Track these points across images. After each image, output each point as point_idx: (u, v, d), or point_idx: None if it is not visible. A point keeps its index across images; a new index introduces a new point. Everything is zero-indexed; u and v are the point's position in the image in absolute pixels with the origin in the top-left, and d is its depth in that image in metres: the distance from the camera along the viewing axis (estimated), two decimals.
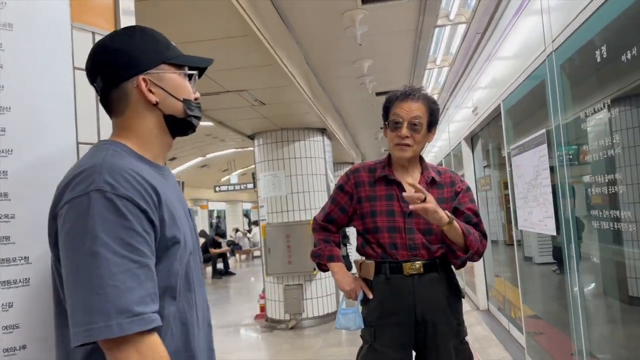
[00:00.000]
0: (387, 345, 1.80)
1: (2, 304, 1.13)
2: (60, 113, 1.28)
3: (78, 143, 1.29)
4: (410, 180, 1.84)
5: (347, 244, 8.58)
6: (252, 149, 6.49)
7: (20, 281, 1.16)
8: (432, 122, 1.88)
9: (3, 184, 1.17)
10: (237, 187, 16.13)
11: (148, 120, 1.08)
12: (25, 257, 1.17)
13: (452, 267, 1.90)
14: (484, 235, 1.88)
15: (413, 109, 1.83)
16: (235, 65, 3.41)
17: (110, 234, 0.87)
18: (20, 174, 1.19)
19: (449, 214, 1.74)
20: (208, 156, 12.17)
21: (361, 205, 1.91)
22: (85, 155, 1.04)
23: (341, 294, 2.03)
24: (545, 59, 2.87)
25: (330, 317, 6.07)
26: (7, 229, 1.15)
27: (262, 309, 6.44)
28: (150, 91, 1.06)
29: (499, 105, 4.01)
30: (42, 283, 1.17)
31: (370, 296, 1.86)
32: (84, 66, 1.34)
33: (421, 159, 1.98)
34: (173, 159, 11.33)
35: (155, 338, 0.90)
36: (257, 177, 6.32)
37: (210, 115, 5.12)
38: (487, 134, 5.28)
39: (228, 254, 13.08)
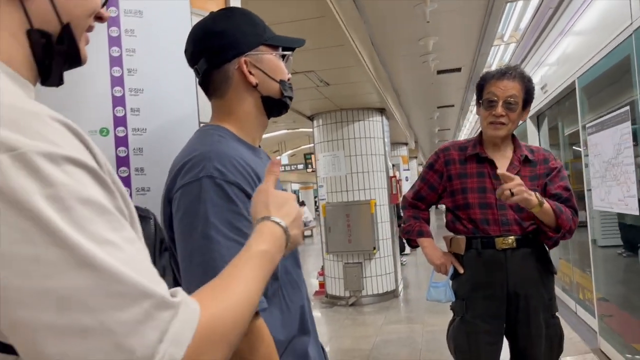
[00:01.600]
0: (478, 317, 1.85)
1: None
2: (184, 95, 1.37)
3: (200, 123, 1.39)
4: (502, 159, 1.86)
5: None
6: (302, 130, 6.57)
7: None
8: (528, 100, 1.88)
9: (139, 159, 1.28)
10: (288, 168, 16.34)
11: (248, 102, 1.09)
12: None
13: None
14: (575, 211, 1.88)
15: (509, 88, 1.83)
16: (308, 46, 3.45)
17: (221, 218, 0.90)
18: (152, 151, 1.30)
19: (538, 196, 1.74)
20: None
21: (451, 183, 1.94)
22: (192, 141, 1.06)
23: (430, 268, 2.07)
24: (631, 34, 2.76)
25: (390, 295, 6.14)
26: (143, 201, 1.26)
27: (322, 285, 6.58)
28: (250, 73, 1.06)
29: (573, 82, 3.88)
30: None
31: (461, 270, 1.91)
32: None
33: (513, 137, 1.97)
34: None
35: (261, 321, 0.89)
36: (317, 158, 6.40)
37: None
38: (555, 112, 5.13)
39: None
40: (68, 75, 1.26)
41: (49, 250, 0.44)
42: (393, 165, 7.47)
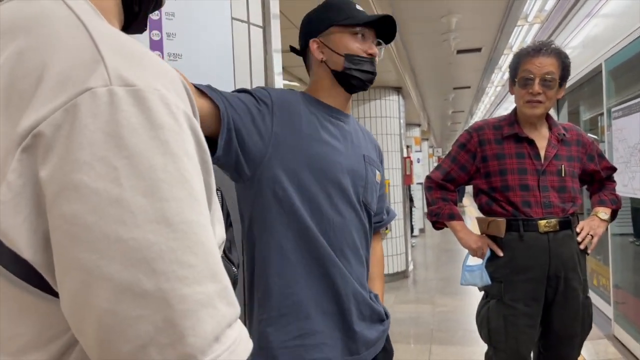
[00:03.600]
0: (518, 300, 1.82)
1: None
2: (222, 60, 1.35)
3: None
4: (541, 138, 1.86)
5: None
6: None
7: None
8: (564, 77, 1.83)
9: None
10: None
11: (321, 75, 1.28)
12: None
13: None
14: (614, 182, 2.05)
15: (545, 65, 1.78)
16: None
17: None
18: None
19: (601, 216, 1.93)
20: None
21: (486, 164, 1.89)
22: None
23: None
24: None
25: (400, 275, 6.16)
26: None
27: None
28: (321, 52, 1.25)
29: (600, 65, 3.80)
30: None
31: (500, 254, 1.86)
32: (240, 17, 1.41)
33: (548, 116, 1.93)
34: None
35: None
36: None
37: (294, 72, 5.15)
38: (575, 96, 5.04)
39: None
40: None
41: (134, 197, 0.40)
42: (408, 147, 7.42)
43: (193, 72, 1.28)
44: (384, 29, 1.27)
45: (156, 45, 1.23)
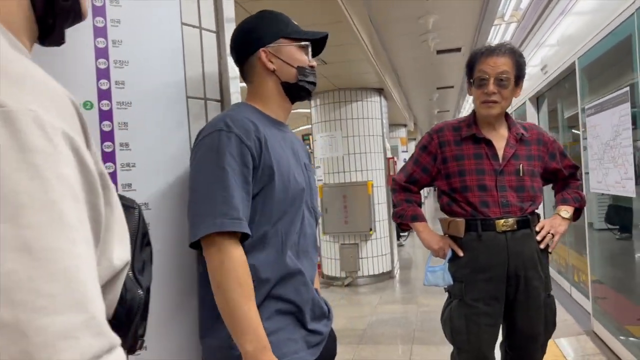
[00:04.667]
0: (478, 300, 1.83)
1: None
2: (171, 67, 1.33)
3: (187, 97, 1.35)
4: (499, 138, 1.85)
5: None
6: (302, 110, 6.51)
7: None
8: (519, 76, 1.85)
9: (124, 134, 1.24)
10: None
11: (268, 86, 1.32)
12: (145, 204, 1.25)
13: None
14: (579, 180, 2.05)
15: (499, 64, 1.79)
16: (303, 22, 3.38)
17: (230, 156, 1.16)
18: (138, 126, 1.26)
19: (563, 215, 1.94)
20: None
21: (446, 165, 1.90)
22: (213, 118, 1.29)
23: (427, 252, 2.04)
24: (633, 13, 2.71)
25: (385, 276, 6.16)
26: (129, 177, 1.23)
27: (319, 266, 6.60)
28: (271, 61, 1.29)
29: (573, 62, 3.83)
30: (161, 227, 1.25)
31: (461, 254, 1.87)
32: (191, 22, 1.39)
33: (507, 115, 1.95)
34: None
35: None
36: (314, 138, 6.35)
37: None
38: (554, 94, 5.08)
39: None
40: (48, 48, 1.21)
41: None
42: (392, 147, 7.43)
43: (141, 80, 1.27)
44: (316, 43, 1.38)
45: (101, 53, 1.22)
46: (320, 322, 1.32)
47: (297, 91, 1.32)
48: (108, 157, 1.22)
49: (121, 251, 0.55)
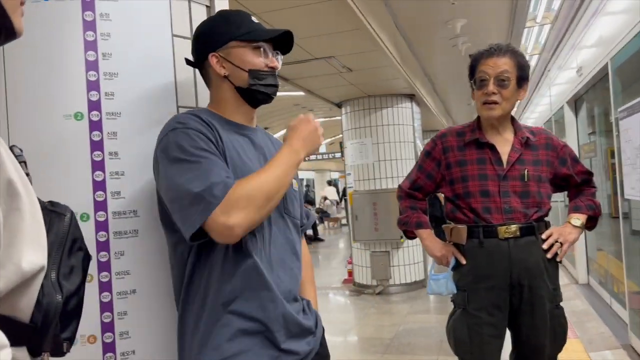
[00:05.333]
0: (481, 309, 1.78)
1: (115, 253, 1.26)
2: (162, 78, 1.37)
3: (178, 107, 1.38)
4: (503, 142, 1.80)
5: None
6: (339, 118, 6.52)
7: (130, 232, 1.28)
8: (522, 77, 1.79)
9: (113, 143, 1.28)
10: (325, 156, 16.34)
11: (223, 90, 1.26)
12: (134, 211, 1.28)
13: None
14: (595, 187, 1.96)
15: (499, 64, 1.75)
16: (323, 31, 3.42)
17: (187, 145, 1.10)
18: (127, 135, 1.30)
19: (574, 223, 1.86)
20: None
21: (450, 171, 1.87)
22: (167, 122, 1.22)
23: (430, 260, 2.00)
24: None
25: (418, 285, 6.06)
26: (117, 185, 1.27)
27: (350, 274, 6.57)
28: (223, 66, 1.22)
29: (606, 64, 3.67)
30: (149, 234, 1.29)
31: (463, 261, 1.83)
32: (182, 34, 1.42)
33: (513, 119, 1.89)
34: (266, 128, 11.68)
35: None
36: (344, 145, 6.35)
37: (299, 83, 5.18)
38: (592, 97, 4.87)
39: (317, 221, 13.39)
40: (42, 60, 1.27)
41: None
42: None
43: (131, 90, 1.31)
44: (280, 38, 1.28)
45: (92, 66, 1.27)
46: (301, 340, 1.21)
47: (252, 95, 1.24)
48: (97, 165, 1.26)
49: (33, 256, 0.57)
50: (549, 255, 1.77)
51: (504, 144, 1.82)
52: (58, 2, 1.26)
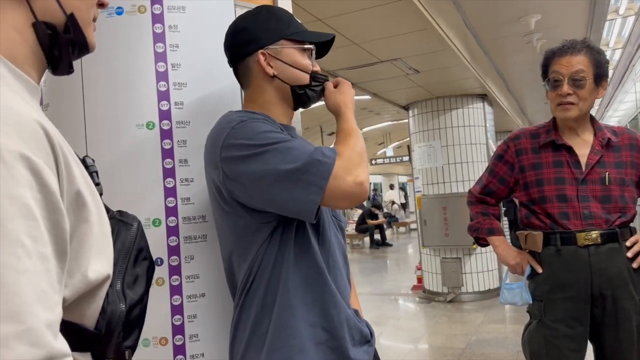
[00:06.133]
0: (559, 321, 1.66)
1: (185, 257, 1.29)
2: (228, 87, 1.39)
3: None
4: (582, 144, 1.67)
5: None
6: (406, 121, 6.41)
7: (199, 237, 1.31)
8: (600, 74, 1.66)
9: (183, 151, 1.32)
10: (393, 160, 16.16)
11: (268, 91, 1.20)
12: (202, 216, 1.31)
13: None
14: None
15: (573, 63, 1.63)
16: (389, 33, 3.37)
17: (262, 131, 1.05)
18: (196, 143, 1.33)
19: None
20: (364, 130, 12.34)
21: (524, 175, 1.76)
22: (218, 122, 1.17)
23: (504, 268, 1.90)
24: None
25: (492, 293, 5.80)
26: (187, 191, 1.31)
27: (419, 280, 6.42)
28: (270, 65, 1.17)
29: None
30: (217, 239, 1.31)
31: (539, 270, 1.72)
32: None
33: (592, 119, 1.76)
34: (331, 134, 11.74)
35: None
36: (412, 149, 6.23)
37: (366, 87, 5.15)
38: None
39: (385, 225, 13.25)
40: (116, 72, 1.33)
41: None
42: None
43: (199, 100, 1.34)
44: (326, 44, 1.26)
45: (162, 76, 1.31)
46: (361, 348, 1.16)
47: (304, 97, 1.20)
48: (168, 172, 1.30)
49: (99, 266, 0.58)
50: (634, 265, 1.62)
51: (583, 145, 1.70)
52: (130, 16, 1.31)
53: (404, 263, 9.90)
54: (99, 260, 0.58)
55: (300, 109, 1.34)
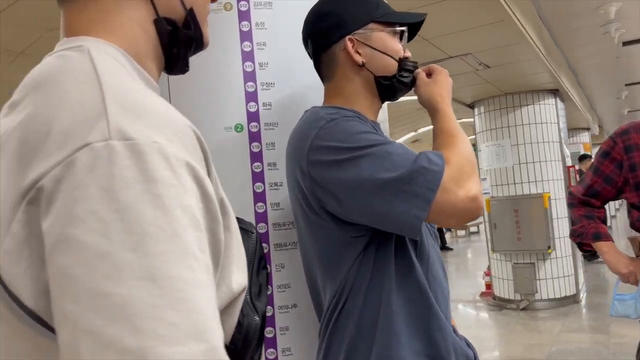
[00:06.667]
0: None
1: (276, 265, 1.22)
2: (316, 86, 1.31)
3: None
4: None
5: None
6: (465, 120, 6.18)
7: (289, 244, 1.24)
8: None
9: (272, 154, 1.25)
10: None
11: (355, 82, 1.06)
12: (292, 222, 1.24)
13: None
14: None
15: None
16: (462, 26, 3.22)
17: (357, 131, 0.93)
18: (284, 145, 1.25)
19: None
20: (419, 131, 12.08)
21: (635, 174, 1.60)
22: (303, 120, 1.07)
23: (614, 277, 1.72)
24: None
25: (569, 300, 5.47)
26: (276, 196, 1.24)
27: (488, 286, 6.14)
28: (358, 52, 1.04)
29: None
30: None
31: None
32: None
33: None
34: None
35: None
36: (478, 149, 5.99)
37: None
38: None
39: (444, 229, 12.90)
40: (203, 74, 1.28)
41: (121, 251, 0.40)
42: (572, 154, 6.66)
43: (286, 100, 1.27)
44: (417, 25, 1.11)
45: (249, 77, 1.26)
46: None
47: (392, 87, 1.05)
48: (257, 177, 1.24)
49: (239, 276, 0.55)
50: None
51: None
52: (215, 15, 1.26)
53: (464, 268, 9.57)
54: (238, 271, 0.55)
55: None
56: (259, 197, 1.24)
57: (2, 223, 0.44)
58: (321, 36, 1.06)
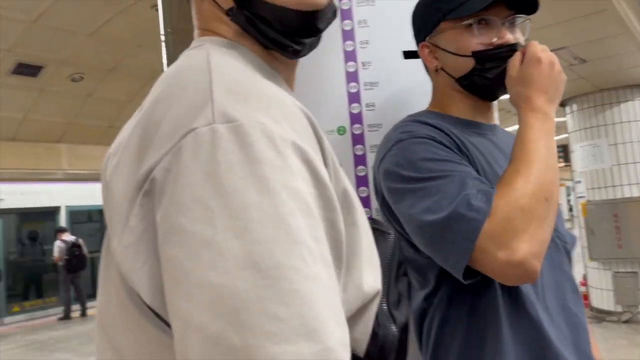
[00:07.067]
0: None
1: None
2: (419, 85, 1.25)
3: None
4: None
5: None
6: (562, 119, 5.80)
7: None
8: None
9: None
10: None
11: (443, 86, 1.00)
12: None
13: None
14: None
15: None
16: (557, 19, 3.02)
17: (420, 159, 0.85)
18: None
19: None
20: None
21: None
22: (384, 136, 1.01)
23: None
24: None
25: None
26: None
27: (585, 297, 5.71)
28: (435, 57, 0.98)
29: None
30: None
31: None
32: None
33: None
34: None
35: None
36: (572, 149, 5.61)
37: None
38: None
39: None
40: (305, 75, 1.25)
41: (226, 239, 0.37)
42: None
43: (390, 100, 1.22)
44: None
45: (352, 77, 1.21)
46: None
47: (476, 85, 0.92)
48: (362, 181, 1.20)
49: (371, 278, 0.49)
50: None
51: None
52: None
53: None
54: (370, 272, 0.49)
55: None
56: (364, 203, 1.19)
57: (122, 217, 0.43)
58: (415, 41, 1.04)
